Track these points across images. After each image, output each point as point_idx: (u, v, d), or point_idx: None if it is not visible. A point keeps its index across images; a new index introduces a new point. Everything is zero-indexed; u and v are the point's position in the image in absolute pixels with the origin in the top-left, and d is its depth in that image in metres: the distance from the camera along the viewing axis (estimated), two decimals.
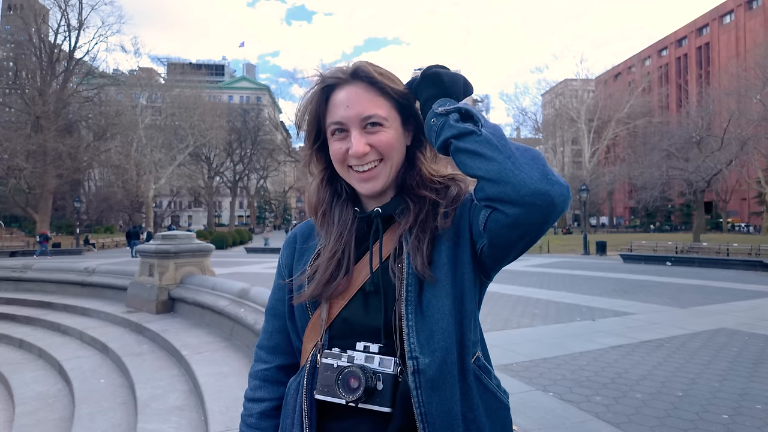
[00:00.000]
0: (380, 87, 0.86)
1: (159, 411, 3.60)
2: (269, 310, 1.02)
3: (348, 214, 0.93)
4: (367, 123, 0.85)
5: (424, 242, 0.84)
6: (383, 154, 0.86)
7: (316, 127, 0.92)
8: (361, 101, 0.85)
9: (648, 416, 3.43)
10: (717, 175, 28.33)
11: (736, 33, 61.29)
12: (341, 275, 0.87)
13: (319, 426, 0.84)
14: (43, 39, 37.38)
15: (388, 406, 0.78)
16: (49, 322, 6.74)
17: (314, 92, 0.89)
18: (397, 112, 0.89)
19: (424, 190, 0.89)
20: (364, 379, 0.78)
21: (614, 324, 6.95)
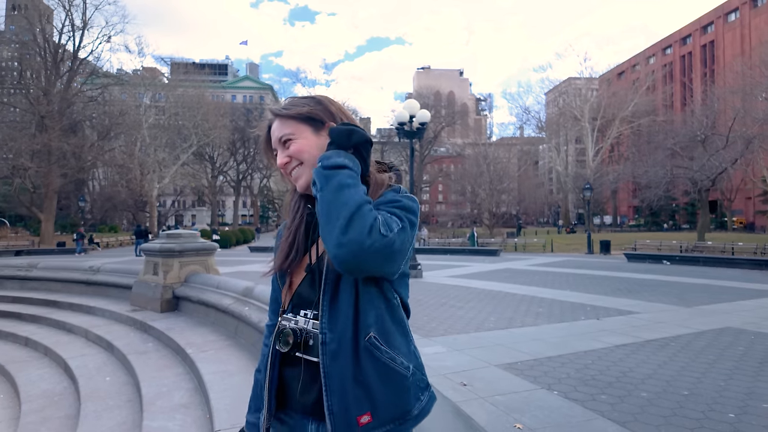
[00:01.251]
0: (288, 115, 1.17)
1: (164, 409, 3.61)
2: (272, 282, 1.30)
3: (301, 208, 1.21)
4: (283, 141, 1.17)
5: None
6: (300, 159, 1.15)
7: (268, 156, 1.27)
8: (278, 129, 1.18)
9: (654, 415, 3.41)
10: (722, 174, 28.14)
11: (741, 31, 60.92)
12: (293, 255, 1.17)
13: (281, 371, 1.15)
14: (48, 39, 37.47)
15: (317, 356, 1.08)
16: (54, 320, 6.78)
17: (263, 135, 1.25)
18: (306, 125, 1.16)
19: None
20: (294, 337, 1.10)
21: (619, 323, 6.92)
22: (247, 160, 63.40)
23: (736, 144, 27.98)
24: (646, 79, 64.23)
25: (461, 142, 68.26)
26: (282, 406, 1.16)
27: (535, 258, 22.87)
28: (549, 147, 71.13)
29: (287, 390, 1.15)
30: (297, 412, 1.13)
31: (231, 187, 67.46)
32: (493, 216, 48.39)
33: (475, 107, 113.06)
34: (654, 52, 77.22)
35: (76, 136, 38.20)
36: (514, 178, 61.36)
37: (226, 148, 58.04)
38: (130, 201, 53.76)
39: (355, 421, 1.03)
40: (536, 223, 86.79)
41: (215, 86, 75.96)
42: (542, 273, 14.96)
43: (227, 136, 52.92)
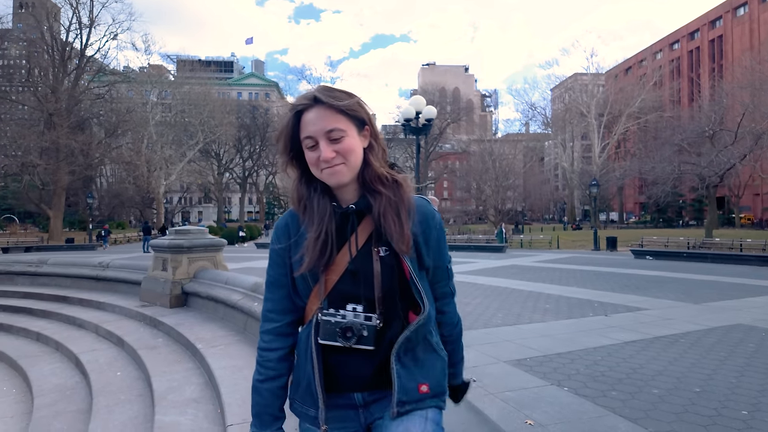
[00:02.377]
0: (336, 107, 1.13)
1: (176, 403, 3.64)
2: (273, 282, 1.28)
3: (325, 204, 1.20)
4: (331, 136, 1.13)
5: (397, 230, 1.16)
6: (345, 158, 1.14)
7: (292, 141, 1.19)
8: (323, 118, 1.13)
9: (665, 412, 3.40)
10: (730, 170, 27.86)
11: (750, 25, 60.21)
12: (327, 254, 1.17)
13: (324, 360, 1.18)
14: (55, 37, 37.69)
15: (372, 345, 1.14)
16: (65, 315, 6.84)
17: (289, 117, 1.18)
18: (351, 122, 1.16)
19: (380, 186, 1.19)
20: (356, 331, 1.13)
21: (627, 319, 6.89)
22: (253, 157, 63.51)
23: (745, 140, 27.71)
24: (654, 75, 63.62)
25: (466, 139, 68.03)
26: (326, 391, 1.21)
27: (541, 254, 22.80)
28: (555, 143, 70.70)
29: (332, 375, 1.20)
30: (341, 391, 1.21)
31: (237, 184, 67.66)
32: (498, 212, 48.23)
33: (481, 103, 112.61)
34: (661, 48, 76.52)
35: (84, 133, 38.44)
36: (519, 174, 61.11)
37: (232, 145, 58.16)
38: (137, 198, 54.05)
39: (417, 389, 1.19)
40: (542, 220, 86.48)
41: (221, 83, 76.08)
42: (549, 269, 14.91)
43: (233, 133, 53.05)
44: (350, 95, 1.18)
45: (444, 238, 1.30)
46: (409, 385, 1.17)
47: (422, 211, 1.23)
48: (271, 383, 1.25)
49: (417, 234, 1.20)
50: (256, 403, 1.26)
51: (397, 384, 1.15)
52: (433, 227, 1.25)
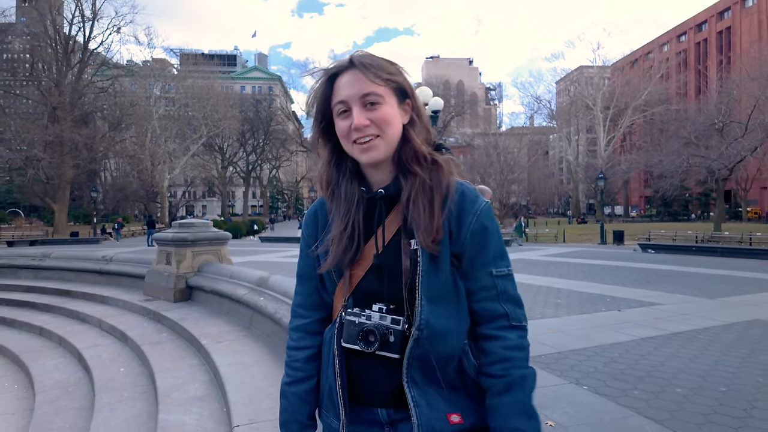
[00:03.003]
0: (375, 71, 0.99)
1: (180, 401, 3.52)
2: (302, 275, 1.17)
3: (353, 190, 1.06)
4: (366, 100, 0.98)
5: (425, 219, 0.99)
6: (381, 128, 0.99)
7: (323, 109, 1.05)
8: (359, 82, 0.99)
9: (692, 413, 3.24)
10: (740, 163, 27.52)
11: (759, 16, 59.40)
12: (353, 248, 1.03)
13: (348, 365, 1.04)
14: (58, 30, 37.53)
15: (398, 353, 0.98)
16: (68, 310, 6.74)
17: (322, 81, 1.04)
18: (392, 91, 1.01)
19: (416, 166, 1.02)
20: (379, 335, 0.98)
21: (641, 314, 6.72)
22: (257, 150, 63.38)
23: (756, 131, 27.33)
24: (660, 67, 62.87)
25: (471, 132, 67.61)
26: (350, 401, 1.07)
27: (548, 248, 22.61)
28: (560, 136, 70.17)
29: (353, 384, 1.06)
30: (365, 404, 1.06)
31: (241, 178, 67.59)
32: (503, 206, 47.99)
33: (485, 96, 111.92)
34: (668, 39, 75.67)
35: (88, 127, 38.35)
36: (524, 168, 60.73)
37: (236, 138, 58.04)
38: (141, 191, 54.09)
39: (446, 419, 1.00)
40: (546, 214, 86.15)
41: (224, 77, 75.85)
42: (557, 263, 14.73)
43: (237, 127, 52.90)
44: (391, 62, 1.04)
45: (493, 233, 1.04)
46: (433, 416, 0.97)
47: (461, 196, 1.02)
48: (298, 386, 1.12)
49: (450, 223, 1.00)
50: (283, 410, 1.13)
51: (416, 414, 0.97)
52: (470, 212, 1.01)
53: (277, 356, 4.07)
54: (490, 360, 1.00)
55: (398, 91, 1.03)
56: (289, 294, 4.65)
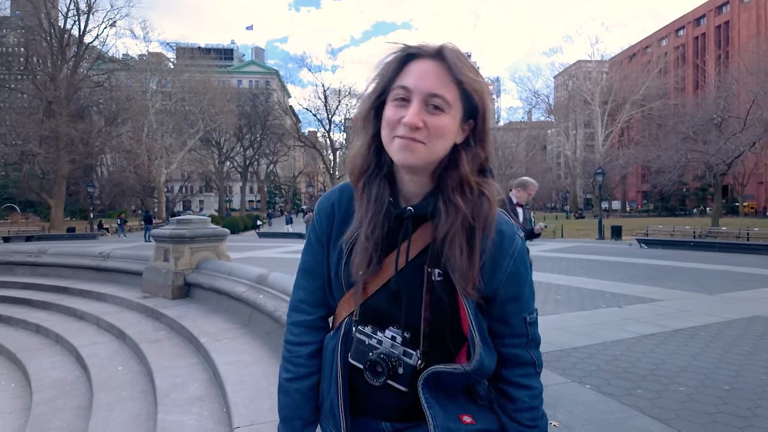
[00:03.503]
0: (457, 75, 0.86)
1: (179, 401, 3.47)
2: (308, 270, 1.08)
3: (384, 194, 0.95)
4: (431, 101, 0.86)
5: (463, 262, 0.90)
6: (430, 138, 0.87)
7: (383, 86, 0.92)
8: (435, 78, 0.87)
9: (697, 412, 3.22)
10: (738, 158, 27.54)
11: (757, 11, 59.35)
12: (373, 264, 0.94)
13: (351, 378, 0.98)
14: (53, 23, 37.15)
15: (405, 386, 0.92)
16: (65, 307, 6.69)
17: (396, 56, 0.90)
18: (461, 105, 0.89)
19: (459, 196, 0.91)
20: (387, 367, 0.91)
21: (642, 311, 6.71)
22: (254, 145, 63.10)
23: (754, 127, 27.33)
24: (659, 62, 62.80)
25: None
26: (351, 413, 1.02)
27: (545, 244, 22.61)
28: (558, 131, 70.11)
29: (356, 398, 1.00)
30: (367, 416, 1.01)
31: (238, 173, 67.37)
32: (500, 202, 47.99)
33: None
34: (666, 34, 75.56)
35: (84, 121, 38.04)
36: (522, 162, 60.81)
37: (233, 133, 57.74)
38: (138, 187, 53.85)
39: (459, 419, 0.96)
40: (544, 209, 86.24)
41: (221, 71, 75.34)
42: (555, 259, 14.73)
43: (234, 122, 52.60)
44: (480, 75, 0.91)
45: (527, 277, 0.98)
46: (447, 417, 0.95)
47: (499, 234, 0.94)
48: (301, 382, 1.06)
49: (485, 264, 0.92)
50: (284, 406, 1.08)
51: (431, 415, 0.93)
52: (507, 254, 0.94)
53: (277, 355, 4.03)
54: (519, 408, 1.00)
55: (468, 107, 0.91)
56: (288, 291, 4.60)
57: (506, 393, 1.00)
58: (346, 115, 56.59)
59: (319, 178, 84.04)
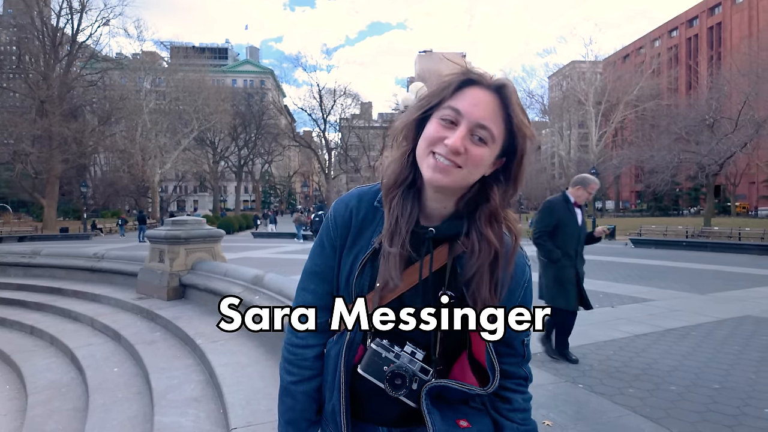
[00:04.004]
0: (509, 113, 0.90)
1: (176, 403, 3.49)
2: (317, 273, 1.07)
3: (414, 210, 0.96)
4: (478, 132, 0.88)
5: (486, 296, 0.94)
6: (468, 164, 0.89)
7: (434, 102, 0.93)
8: (488, 110, 0.89)
9: (687, 411, 3.27)
10: (730, 159, 27.79)
11: (749, 12, 59.85)
12: (394, 280, 0.94)
13: (354, 386, 1.00)
14: (46, 22, 36.87)
15: (415, 402, 0.95)
16: (59, 308, 6.66)
17: (456, 77, 0.92)
18: (503, 141, 0.92)
19: (489, 229, 0.95)
20: (408, 382, 0.93)
21: (635, 311, 6.78)
22: (249, 145, 62.92)
23: (746, 127, 27.59)
24: (652, 63, 63.09)
25: None
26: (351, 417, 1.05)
27: None
28: (552, 131, 70.33)
29: (356, 403, 1.03)
30: (367, 421, 1.04)
31: (233, 173, 67.13)
32: None
33: None
34: (660, 35, 76.05)
35: (77, 121, 37.83)
36: None
37: (228, 133, 57.54)
38: (131, 186, 53.57)
39: (456, 424, 1.00)
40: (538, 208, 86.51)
41: (215, 70, 75.00)
42: None
43: (228, 121, 52.42)
44: (528, 120, 0.94)
45: (531, 302, 1.05)
46: (445, 422, 0.98)
47: (515, 266, 0.99)
48: (307, 384, 1.07)
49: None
50: (289, 408, 1.08)
51: (430, 421, 0.96)
52: (519, 284, 1.01)
53: (273, 356, 4.05)
54: (513, 408, 1.06)
55: (507, 146, 0.93)
56: (284, 293, 4.62)
57: (501, 396, 1.05)
58: (342, 115, 56.59)
59: (314, 178, 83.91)
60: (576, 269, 4.41)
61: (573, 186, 4.55)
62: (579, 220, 4.46)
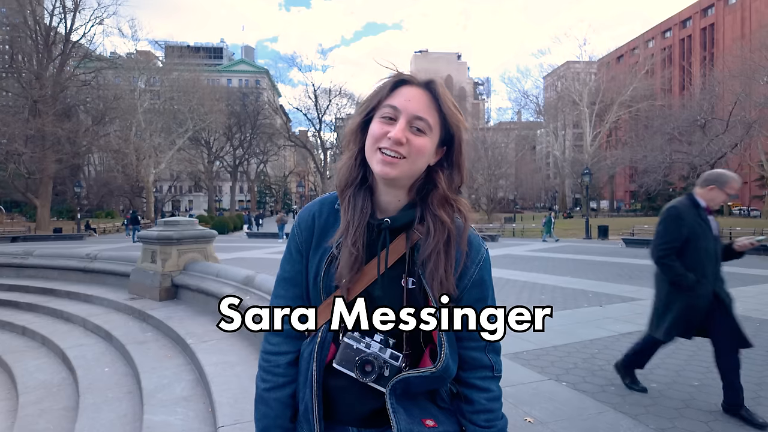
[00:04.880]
0: (440, 105, 0.99)
1: (165, 402, 3.54)
2: (288, 279, 1.12)
3: (367, 205, 1.04)
4: (416, 123, 0.97)
5: (442, 274, 0.99)
6: (411, 154, 0.97)
7: (373, 104, 1.02)
8: (421, 103, 0.98)
9: (666, 407, 3.35)
10: (722, 159, 28.06)
11: (742, 14, 60.30)
12: (353, 272, 1.00)
13: (326, 384, 1.04)
14: (39, 21, 36.66)
15: (386, 387, 0.99)
16: (51, 309, 6.68)
17: (390, 81, 1.01)
18: (440, 131, 1.01)
19: (443, 211, 1.02)
20: (378, 368, 0.98)
21: (623, 310, 6.88)
22: (244, 145, 62.80)
23: (736, 128, 27.87)
24: (645, 63, 63.55)
25: None
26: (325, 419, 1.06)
27: (534, 243, 22.87)
28: (547, 132, 70.71)
29: (329, 403, 1.06)
30: (338, 422, 1.06)
31: (228, 173, 66.99)
32: (490, 201, 48.30)
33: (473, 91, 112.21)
34: (653, 36, 76.48)
35: (71, 120, 37.60)
36: (511, 163, 61.09)
37: (223, 132, 57.41)
38: (126, 186, 53.36)
39: (422, 423, 1.03)
40: (533, 208, 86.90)
41: (210, 70, 74.83)
42: (542, 258, 14.93)
43: (223, 121, 52.32)
44: (460, 111, 1.03)
45: (490, 285, 1.08)
46: (410, 421, 1.01)
47: (469, 245, 1.05)
48: (280, 391, 1.10)
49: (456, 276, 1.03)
50: (264, 416, 1.11)
51: (395, 420, 0.99)
52: (474, 262, 1.05)
53: None
54: (475, 409, 1.06)
55: (444, 135, 1.02)
56: None
57: (464, 395, 1.07)
58: (337, 115, 56.62)
59: (309, 178, 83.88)
60: (718, 296, 3.42)
61: (704, 186, 3.39)
62: (714, 228, 3.43)
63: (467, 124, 1.05)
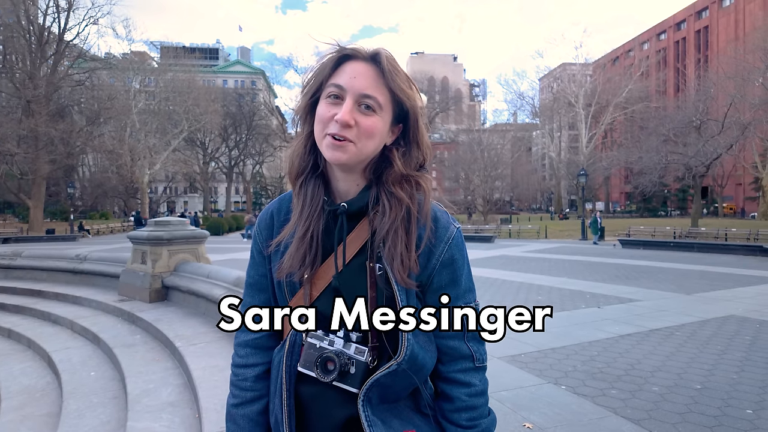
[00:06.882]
0: (389, 79, 0.89)
1: (150, 408, 3.40)
2: (252, 284, 1.06)
3: (319, 192, 0.96)
4: (363, 101, 0.88)
5: (402, 252, 0.90)
6: (360, 137, 0.89)
7: (317, 85, 0.93)
8: (368, 79, 0.89)
9: (668, 412, 3.25)
10: (716, 160, 28.11)
11: (736, 16, 60.63)
12: (310, 260, 0.93)
13: (298, 393, 0.95)
14: (32, 21, 36.36)
15: (357, 387, 0.89)
16: (39, 311, 6.53)
17: (332, 56, 0.92)
18: (392, 108, 0.92)
19: (398, 188, 0.92)
20: (339, 365, 0.89)
21: (620, 311, 6.79)
22: (239, 146, 62.55)
23: (732, 130, 27.93)
24: (641, 65, 63.77)
25: (455, 128, 67.84)
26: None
27: (530, 244, 22.81)
28: (542, 133, 70.87)
29: (304, 412, 0.96)
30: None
31: (223, 174, 66.70)
32: (486, 202, 48.31)
33: (469, 93, 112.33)
34: (648, 38, 76.81)
35: (64, 121, 37.27)
36: (507, 164, 61.14)
37: (218, 133, 57.18)
38: (120, 187, 53.01)
39: None
40: (529, 209, 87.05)
41: (206, 71, 74.47)
42: (538, 259, 14.86)
43: (219, 122, 52.05)
44: (412, 82, 0.93)
45: (462, 265, 0.98)
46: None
47: (434, 221, 0.95)
48: (248, 408, 1.01)
49: (421, 251, 0.93)
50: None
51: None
52: (441, 240, 0.94)
53: None
54: (456, 407, 0.96)
55: (398, 112, 0.94)
56: None
57: (444, 392, 0.97)
58: None
59: None
60: None
61: None
62: None
63: (421, 98, 0.95)
